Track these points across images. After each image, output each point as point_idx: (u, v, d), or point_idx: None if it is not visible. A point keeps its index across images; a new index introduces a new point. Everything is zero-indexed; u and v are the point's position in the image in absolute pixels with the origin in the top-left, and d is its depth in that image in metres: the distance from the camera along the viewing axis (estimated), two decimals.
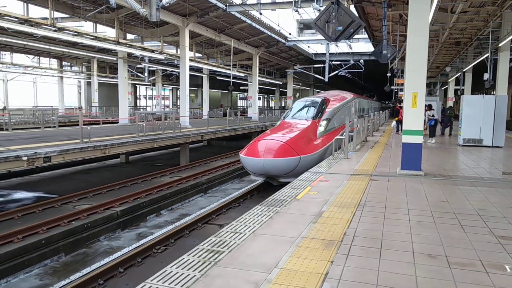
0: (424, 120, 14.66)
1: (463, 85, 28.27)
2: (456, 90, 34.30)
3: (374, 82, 50.60)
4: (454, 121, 19.15)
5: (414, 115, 8.31)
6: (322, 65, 29.40)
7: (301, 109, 14.45)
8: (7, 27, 15.28)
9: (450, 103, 31.27)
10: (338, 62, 31.64)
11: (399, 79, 29.97)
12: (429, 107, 15.57)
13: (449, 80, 33.40)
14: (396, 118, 19.39)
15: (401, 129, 9.41)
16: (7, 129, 18.31)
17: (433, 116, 15.86)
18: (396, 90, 36.77)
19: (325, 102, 14.83)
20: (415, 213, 5.58)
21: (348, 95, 18.31)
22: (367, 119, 17.09)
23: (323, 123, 13.51)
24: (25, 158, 9.71)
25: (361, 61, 31.38)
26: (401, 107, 17.92)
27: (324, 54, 28.76)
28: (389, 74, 30.00)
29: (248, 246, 4.20)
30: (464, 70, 26.89)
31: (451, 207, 5.92)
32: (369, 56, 31.33)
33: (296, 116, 14.09)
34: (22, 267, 7.39)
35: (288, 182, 7.73)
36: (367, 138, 16.01)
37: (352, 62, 30.93)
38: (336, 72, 31.14)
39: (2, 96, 36.52)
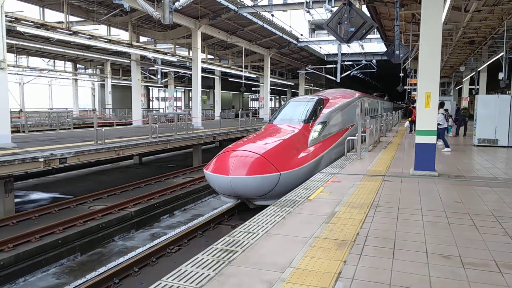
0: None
1: (478, 84, 27.90)
2: (470, 90, 33.84)
3: (387, 82, 50.22)
4: (468, 121, 18.91)
5: (427, 115, 8.25)
6: (334, 66, 29.31)
7: (291, 111, 12.02)
8: (24, 31, 15.60)
9: (464, 103, 30.89)
10: (350, 63, 31.51)
11: (412, 79, 29.70)
12: (440, 105, 14.62)
13: (463, 80, 32.98)
14: (409, 119, 19.23)
15: (414, 130, 9.35)
16: (23, 131, 18.68)
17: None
18: (409, 90, 36.43)
19: (321, 102, 12.39)
20: (428, 213, 5.55)
21: (353, 94, 16.07)
22: (380, 120, 16.86)
23: (317, 127, 11.16)
24: (41, 160, 9.91)
25: (374, 61, 31.20)
26: (414, 107, 17.75)
27: (336, 54, 28.66)
28: (402, 74, 29.75)
29: (262, 246, 4.24)
30: (478, 69, 26.53)
31: (466, 208, 5.87)
32: (381, 56, 31.11)
33: (284, 119, 11.63)
34: (40, 266, 7.55)
35: (266, 206, 5.99)
36: (380, 138, 15.91)
37: (364, 62, 30.77)
38: (348, 72, 31.01)
39: (18, 98, 37.21)
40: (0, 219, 9.32)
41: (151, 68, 31.30)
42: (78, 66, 37.51)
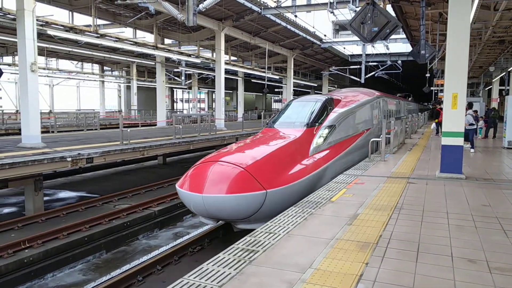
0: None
1: (508, 85, 26.99)
2: (500, 91, 32.80)
3: (413, 83, 49.24)
4: (498, 123, 18.32)
5: (454, 117, 8.05)
6: (358, 66, 28.98)
7: (294, 112, 10.39)
8: (54, 34, 16.11)
9: (494, 104, 29.95)
10: (375, 63, 31.09)
11: (439, 80, 29.03)
12: (468, 106, 14.11)
13: (493, 80, 31.99)
14: (436, 120, 18.78)
15: (441, 131, 9.14)
16: (52, 132, 19.25)
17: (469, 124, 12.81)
18: (435, 91, 35.62)
19: (330, 102, 10.77)
20: (454, 217, 5.42)
21: (371, 94, 14.38)
22: (405, 121, 16.45)
23: (323, 132, 9.55)
24: (69, 159, 10.20)
25: (399, 61, 30.66)
26: (441, 109, 17.32)
27: (360, 55, 28.33)
28: (428, 75, 29.12)
29: (283, 246, 4.24)
30: (509, 69, 25.68)
31: (494, 212, 5.70)
32: (407, 57, 30.55)
33: (285, 122, 10.05)
34: (67, 262, 7.77)
35: (251, 230, 4.99)
36: (405, 140, 15.62)
37: (389, 63, 30.28)
38: (373, 73, 30.60)
39: (48, 100, 38.43)
40: (30, 216, 9.65)
41: (175, 70, 31.77)
42: (105, 68, 38.45)
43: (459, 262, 3.86)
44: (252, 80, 40.07)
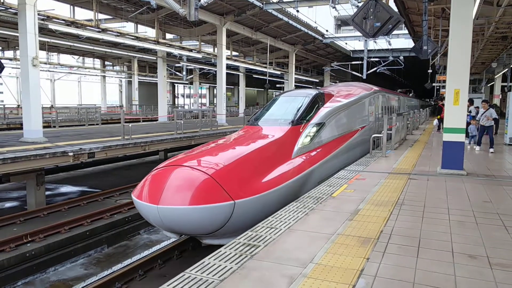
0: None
1: (511, 81, 26.92)
2: (503, 87, 32.69)
3: (415, 79, 49.11)
4: (500, 119, 18.28)
5: (456, 113, 8.04)
6: (360, 62, 28.91)
7: (279, 108, 9.46)
8: (55, 29, 16.08)
9: (496, 101, 29.89)
10: (377, 59, 31.00)
11: (441, 76, 28.94)
12: (469, 102, 14.16)
13: (495, 77, 31.90)
14: (438, 116, 18.74)
15: (443, 128, 9.12)
16: (54, 126, 19.28)
17: (470, 112, 13.60)
18: (437, 87, 35.53)
19: (321, 97, 9.86)
20: (455, 213, 5.42)
21: (366, 89, 13.23)
22: (406, 117, 16.36)
23: (310, 130, 8.58)
24: (71, 154, 10.22)
25: (401, 57, 30.57)
26: (443, 105, 17.26)
27: (362, 50, 28.26)
28: (430, 71, 29.04)
29: (284, 241, 4.25)
30: (511, 66, 25.59)
31: (495, 208, 5.70)
32: (409, 53, 30.42)
33: (269, 119, 9.05)
34: (69, 257, 7.81)
35: (221, 246, 4.35)
36: (406, 136, 15.60)
37: (391, 58, 30.20)
38: (375, 69, 30.52)
39: (49, 95, 38.44)
40: (32, 211, 9.69)
41: (176, 65, 31.71)
42: (106, 63, 38.41)
43: (459, 257, 3.87)
44: (254, 76, 39.98)
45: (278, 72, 33.01)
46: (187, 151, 7.41)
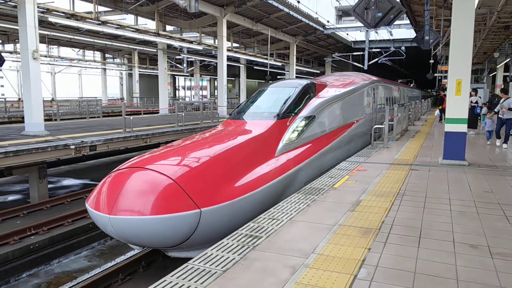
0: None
1: None
2: (505, 77, 32.54)
3: (416, 69, 48.91)
4: None
5: (457, 103, 8.02)
6: (362, 53, 28.75)
7: (266, 99, 8.59)
8: (55, 22, 16.02)
9: (498, 91, 29.73)
10: (378, 50, 30.82)
11: (443, 66, 28.79)
12: (474, 92, 13.85)
13: (497, 67, 31.71)
14: (440, 107, 18.68)
15: (445, 118, 9.10)
16: (55, 119, 19.29)
17: (476, 103, 13.69)
18: (439, 78, 35.39)
19: (311, 88, 8.94)
20: (457, 203, 5.44)
21: (363, 79, 12.43)
22: (408, 108, 16.29)
23: (299, 124, 7.76)
24: (72, 147, 10.25)
25: (403, 48, 30.40)
26: (445, 95, 17.19)
27: (364, 41, 28.08)
28: (432, 61, 28.89)
29: (286, 232, 4.28)
30: None
31: (496, 198, 5.71)
32: (410, 43, 30.30)
33: (253, 112, 8.20)
34: (72, 249, 7.88)
35: (189, 259, 3.81)
36: (408, 127, 15.58)
37: (392, 49, 30.02)
38: (376, 60, 30.37)
39: (50, 88, 38.41)
40: (35, 204, 9.74)
41: (177, 57, 31.61)
42: (106, 55, 38.30)
43: (460, 247, 3.89)
44: (255, 67, 39.83)
45: (279, 64, 32.88)
46: (154, 150, 6.58)
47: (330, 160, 8.65)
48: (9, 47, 28.34)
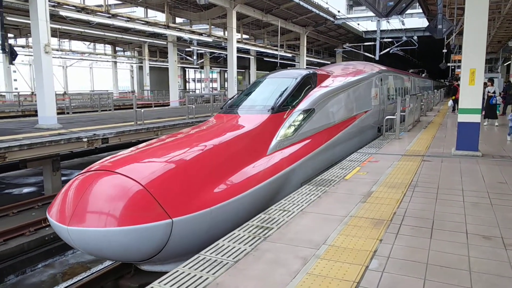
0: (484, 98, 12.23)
1: None
2: None
3: (429, 59, 48.22)
4: None
5: (471, 93, 7.90)
6: (373, 43, 28.43)
7: (262, 91, 7.94)
8: (66, 15, 16.12)
9: None
10: (390, 40, 30.44)
11: (456, 56, 28.33)
12: (491, 82, 13.48)
13: None
14: (453, 97, 18.40)
15: (458, 108, 8.97)
16: (68, 113, 19.50)
17: (494, 93, 13.28)
18: (452, 67, 34.84)
19: (312, 79, 8.29)
20: (470, 194, 5.38)
21: (370, 68, 11.71)
22: (420, 99, 16.05)
23: (296, 118, 7.09)
24: (85, 140, 10.37)
25: (415, 37, 29.93)
26: (458, 85, 16.91)
27: (375, 31, 27.74)
28: (445, 51, 28.42)
29: (297, 223, 4.28)
30: None
31: (510, 189, 5.64)
32: (423, 32, 29.78)
33: (246, 105, 7.50)
34: None
35: (165, 272, 3.44)
36: (420, 118, 15.41)
37: (404, 39, 29.58)
38: (388, 49, 29.98)
39: (62, 81, 38.79)
40: (49, 196, 9.90)
41: (187, 49, 31.63)
42: (117, 48, 38.49)
43: (473, 238, 3.86)
44: (265, 59, 39.73)
45: (290, 55, 32.70)
46: (124, 151, 5.77)
47: (331, 158, 8.03)
48: (21, 41, 28.63)
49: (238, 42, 23.55)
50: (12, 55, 12.59)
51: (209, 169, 5.27)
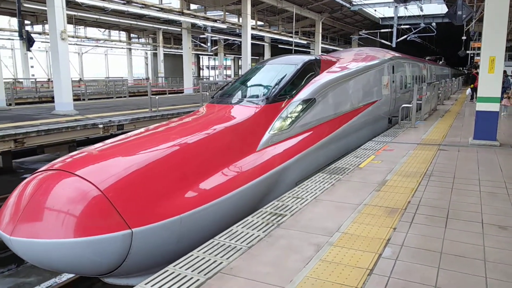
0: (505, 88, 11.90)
1: None
2: None
3: (448, 46, 47.22)
4: None
5: (490, 81, 7.73)
6: (390, 30, 27.90)
7: (258, 79, 7.33)
8: (81, 2, 16.20)
9: None
10: (407, 26, 29.81)
11: (475, 43, 27.66)
12: None
13: None
14: (472, 85, 18.00)
15: (476, 97, 8.80)
16: (83, 99, 19.74)
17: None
18: (471, 55, 34.07)
19: (314, 66, 7.58)
20: (487, 184, 5.31)
21: (381, 54, 10.82)
22: (437, 87, 15.75)
23: (294, 110, 6.42)
24: (101, 126, 10.51)
25: (433, 24, 29.28)
26: (477, 73, 16.51)
27: (392, 18, 27.21)
28: (464, 38, 27.77)
29: (310, 211, 4.29)
30: None
31: None
32: (442, 19, 29.14)
33: (239, 94, 6.94)
34: None
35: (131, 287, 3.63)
36: (437, 106, 15.17)
37: (422, 25, 28.95)
38: (405, 36, 29.41)
39: (78, 68, 39.19)
40: None
41: (201, 36, 31.56)
42: (131, 35, 38.62)
43: (489, 228, 3.82)
44: (279, 46, 39.41)
45: (304, 42, 32.35)
46: (93, 146, 4.99)
47: (332, 153, 7.31)
48: (38, 28, 28.93)
49: (252, 28, 23.38)
50: (29, 42, 12.77)
51: (182, 170, 4.57)
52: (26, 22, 24.80)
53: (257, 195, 5.25)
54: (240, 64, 44.19)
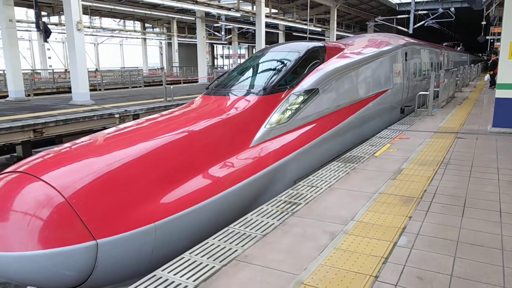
0: None
1: None
2: None
3: (467, 32, 46.03)
4: None
5: (511, 67, 7.54)
6: (407, 16, 27.35)
7: (258, 68, 6.91)
8: None
9: None
10: (425, 12, 29.14)
11: (496, 28, 26.92)
12: None
13: None
14: (491, 72, 17.57)
15: (496, 84, 8.60)
16: (99, 89, 19.98)
17: None
18: (491, 41, 33.20)
19: (319, 53, 7.06)
20: (506, 172, 5.21)
21: (393, 41, 10.06)
22: (455, 74, 15.40)
23: (294, 101, 5.92)
24: (117, 116, 10.64)
25: (452, 9, 28.54)
26: (497, 59, 16.10)
27: (409, 3, 26.62)
28: (484, 23, 27.04)
29: (325, 199, 4.29)
30: None
31: None
32: (461, 3, 28.39)
33: (235, 84, 6.41)
34: None
35: None
36: (454, 94, 14.88)
37: (441, 10, 28.24)
38: (422, 22, 28.77)
39: (94, 59, 39.58)
40: None
41: (215, 25, 31.45)
42: (146, 25, 38.74)
43: (508, 217, 3.76)
44: (294, 34, 38.97)
45: (319, 29, 31.95)
46: (66, 144, 4.57)
47: (336, 148, 6.78)
48: (54, 19, 29.25)
49: (266, 16, 23.19)
50: (46, 33, 12.93)
51: (160, 172, 4.08)
52: (43, 13, 25.09)
53: (247, 197, 4.75)
54: (254, 52, 44.05)
